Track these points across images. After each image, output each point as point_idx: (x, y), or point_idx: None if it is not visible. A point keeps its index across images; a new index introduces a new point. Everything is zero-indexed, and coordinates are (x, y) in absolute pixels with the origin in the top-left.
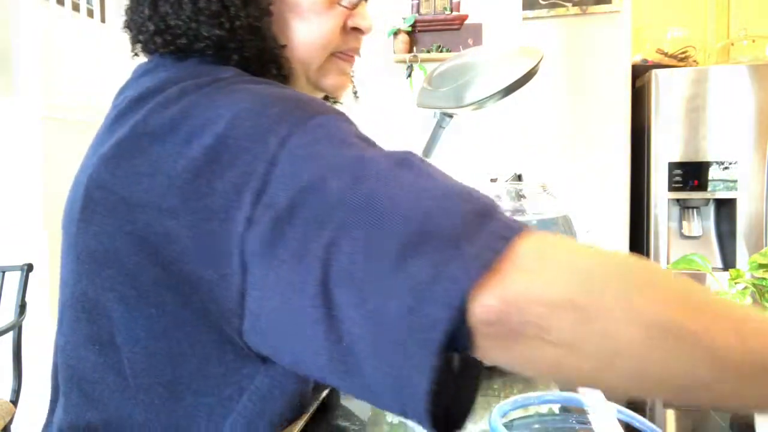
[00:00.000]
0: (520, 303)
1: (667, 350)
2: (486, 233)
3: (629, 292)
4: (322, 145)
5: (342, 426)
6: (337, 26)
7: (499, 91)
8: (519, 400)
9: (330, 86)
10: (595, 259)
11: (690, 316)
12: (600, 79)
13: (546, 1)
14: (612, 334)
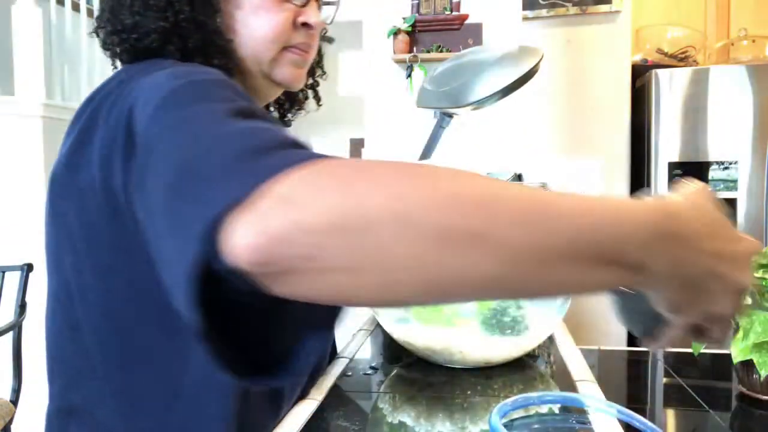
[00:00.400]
0: (284, 236)
1: (449, 255)
2: (255, 167)
3: (402, 205)
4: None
5: (342, 426)
6: (285, 22)
7: (499, 91)
8: (519, 400)
9: (282, 78)
10: (375, 174)
11: (468, 216)
12: (600, 79)
13: (546, 1)
14: (389, 249)
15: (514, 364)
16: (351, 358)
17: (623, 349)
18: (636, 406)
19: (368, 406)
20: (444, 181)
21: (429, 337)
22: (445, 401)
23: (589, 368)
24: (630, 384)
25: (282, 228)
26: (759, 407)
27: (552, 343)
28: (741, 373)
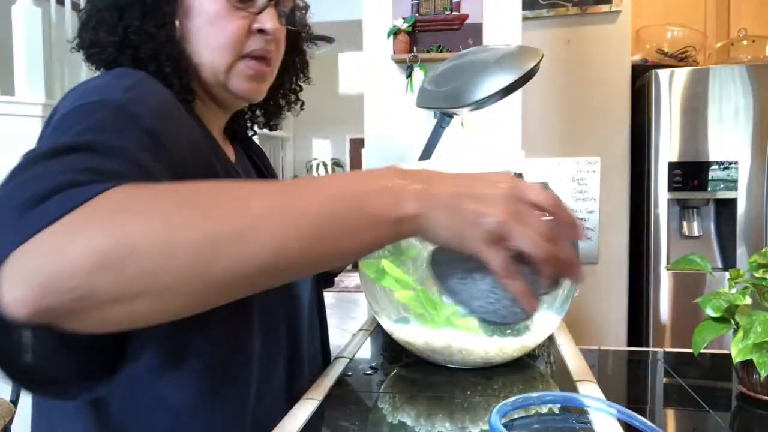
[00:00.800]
0: (48, 285)
1: (216, 260)
2: (19, 224)
3: (161, 230)
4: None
5: (342, 426)
6: (240, 29)
7: (499, 91)
8: (519, 400)
9: (238, 90)
10: (133, 207)
11: (224, 221)
12: (600, 79)
13: (546, 1)
14: (156, 274)
15: (514, 364)
16: (351, 358)
17: (623, 349)
18: (636, 406)
19: (368, 406)
20: (198, 197)
21: (429, 337)
22: (445, 401)
23: (589, 368)
24: (630, 384)
25: (45, 278)
26: (759, 407)
27: (552, 343)
28: (741, 373)
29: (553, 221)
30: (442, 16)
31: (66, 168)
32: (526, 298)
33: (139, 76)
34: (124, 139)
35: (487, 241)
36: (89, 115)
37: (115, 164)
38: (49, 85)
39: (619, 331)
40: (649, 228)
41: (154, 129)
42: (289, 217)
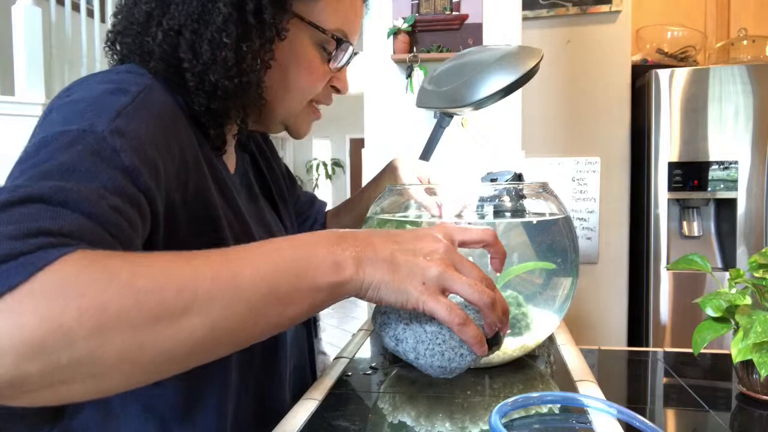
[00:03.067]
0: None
1: (156, 341)
2: None
3: (98, 314)
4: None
5: (342, 426)
6: (322, 84)
7: (499, 91)
8: (519, 400)
9: (301, 133)
10: (70, 288)
11: (167, 301)
12: (600, 79)
13: (546, 1)
14: (99, 357)
15: (514, 364)
16: (351, 358)
17: (623, 349)
18: (636, 406)
19: (368, 406)
20: (138, 278)
21: None
22: (445, 401)
23: (589, 368)
24: (630, 384)
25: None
26: (759, 407)
27: (552, 343)
28: (741, 373)
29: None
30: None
31: (15, 230)
32: (476, 341)
33: (143, 86)
34: (95, 182)
35: (429, 294)
36: (66, 149)
37: (73, 220)
38: (49, 85)
39: (619, 331)
40: (649, 228)
41: (133, 166)
42: (227, 296)
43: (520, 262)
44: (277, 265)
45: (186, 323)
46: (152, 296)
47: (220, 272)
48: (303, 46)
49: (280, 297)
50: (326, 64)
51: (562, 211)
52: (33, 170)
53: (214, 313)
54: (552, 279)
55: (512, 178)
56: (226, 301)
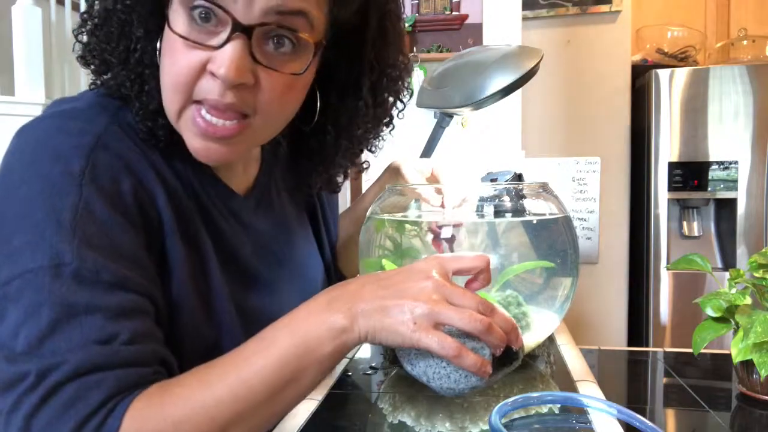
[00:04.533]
0: None
1: None
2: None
3: None
4: None
5: (342, 426)
6: (193, 66)
7: (499, 91)
8: (519, 400)
9: (190, 146)
10: None
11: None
12: (600, 79)
13: (546, 1)
14: None
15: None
16: (351, 358)
17: (623, 349)
18: (636, 406)
19: (368, 406)
20: (179, 425)
21: None
22: (445, 401)
23: (589, 368)
24: (630, 384)
25: None
26: (759, 407)
27: (552, 343)
28: (741, 373)
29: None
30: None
31: (70, 427)
32: (476, 368)
33: (86, 159)
34: (96, 318)
35: (421, 331)
36: (50, 291)
37: (105, 385)
38: (49, 85)
39: (619, 331)
40: (649, 228)
41: (117, 277)
42: (250, 405)
43: (520, 263)
44: (280, 358)
45: (242, 427)
46: (209, 428)
47: (236, 390)
48: (172, 20)
49: (292, 380)
50: (195, 42)
51: (562, 211)
52: (37, 332)
53: (246, 421)
54: (552, 279)
55: (512, 178)
56: (251, 410)
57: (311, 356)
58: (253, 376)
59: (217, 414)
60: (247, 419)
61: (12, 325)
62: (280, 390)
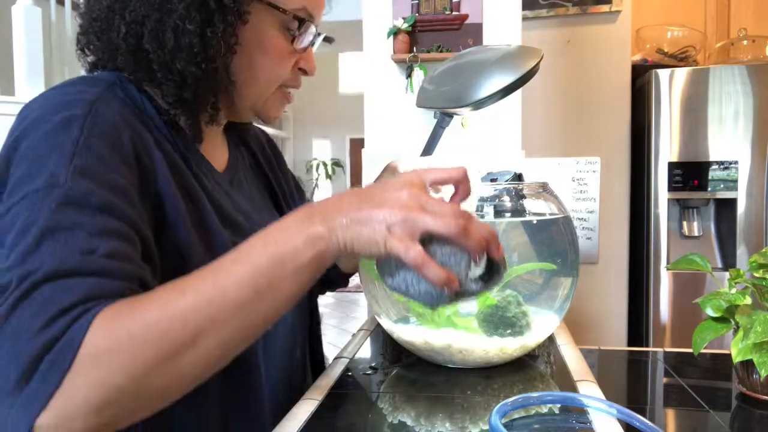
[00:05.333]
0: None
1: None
2: (26, 398)
3: (141, 360)
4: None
5: (342, 426)
6: (290, 65)
7: (499, 91)
8: (519, 400)
9: (269, 116)
10: (113, 355)
11: (187, 327)
12: (600, 79)
13: (546, 1)
14: (163, 389)
15: (514, 364)
16: (351, 358)
17: (623, 349)
18: (636, 406)
19: (368, 406)
20: (147, 328)
21: (429, 337)
22: (445, 401)
23: (589, 368)
24: (630, 384)
25: (68, 420)
26: (759, 407)
27: (552, 343)
28: (741, 373)
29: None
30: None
31: (41, 321)
32: (440, 280)
33: (88, 107)
34: (80, 235)
35: (397, 239)
36: (39, 210)
37: (81, 287)
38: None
39: (619, 331)
40: (649, 228)
41: (105, 203)
42: (224, 312)
43: (521, 262)
44: (256, 265)
45: (202, 346)
46: (167, 338)
47: (210, 295)
48: (266, 28)
49: (268, 289)
50: (291, 45)
51: (562, 211)
52: (23, 248)
53: (219, 329)
54: (552, 279)
55: (512, 178)
56: (225, 316)
57: (289, 266)
58: (230, 284)
59: (189, 319)
60: (220, 327)
61: (7, 248)
62: (256, 298)
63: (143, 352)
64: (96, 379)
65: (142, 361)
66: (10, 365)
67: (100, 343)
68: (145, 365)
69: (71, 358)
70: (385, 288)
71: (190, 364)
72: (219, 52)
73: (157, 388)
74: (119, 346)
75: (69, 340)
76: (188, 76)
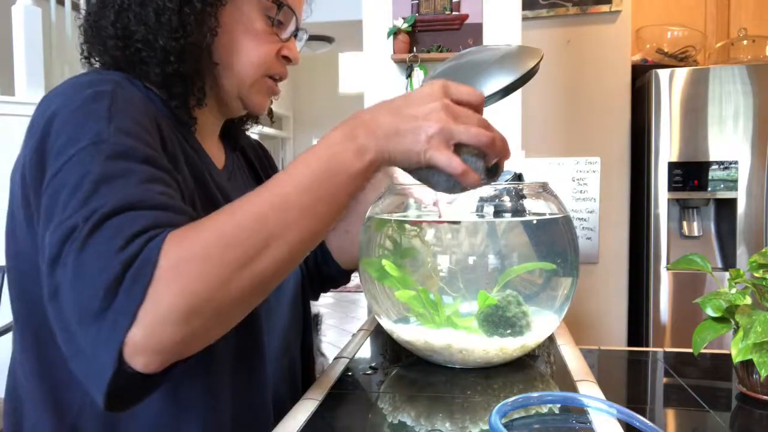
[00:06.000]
0: (165, 347)
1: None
2: (118, 304)
3: (220, 271)
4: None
5: (342, 426)
6: (273, 51)
7: (499, 91)
8: (519, 400)
9: (254, 104)
10: (191, 271)
11: (254, 235)
12: (600, 79)
13: (546, 1)
14: (236, 306)
15: (514, 364)
16: (351, 358)
17: (623, 349)
18: (636, 406)
19: (368, 406)
20: (222, 237)
21: (429, 337)
22: (445, 401)
23: (589, 368)
24: (630, 384)
25: (162, 343)
26: (759, 407)
27: (552, 343)
28: (741, 373)
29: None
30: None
31: (119, 242)
32: (473, 184)
33: (113, 83)
34: (134, 178)
35: (433, 150)
36: (92, 163)
37: (147, 217)
38: (49, 85)
39: (619, 331)
40: (649, 228)
41: (149, 155)
42: (288, 214)
43: (520, 262)
44: (313, 175)
45: (273, 249)
46: (240, 245)
47: (273, 202)
48: (247, 12)
49: (326, 197)
50: (271, 29)
51: (562, 211)
52: (82, 195)
53: (287, 232)
54: (552, 279)
55: (512, 178)
56: (290, 219)
57: (343, 176)
58: (291, 190)
59: (259, 225)
60: (287, 230)
61: (61, 205)
62: (315, 204)
63: (219, 259)
64: (178, 288)
65: (218, 268)
66: (92, 288)
67: (177, 254)
68: (222, 272)
69: (151, 271)
70: (385, 288)
71: (263, 270)
72: (199, 29)
73: (236, 296)
74: (194, 255)
75: (147, 255)
76: (170, 51)
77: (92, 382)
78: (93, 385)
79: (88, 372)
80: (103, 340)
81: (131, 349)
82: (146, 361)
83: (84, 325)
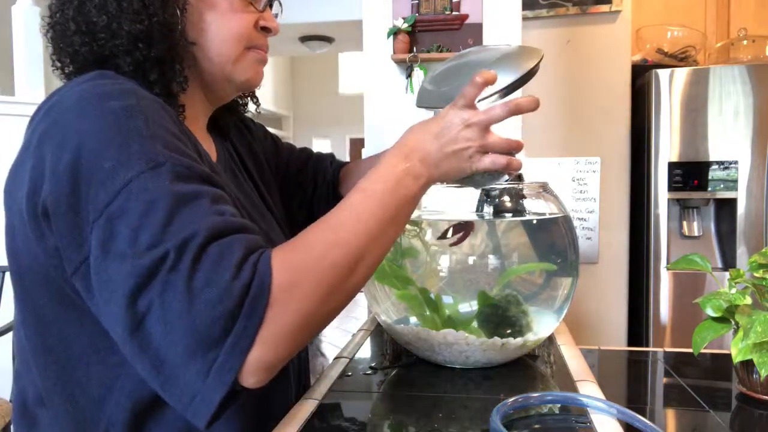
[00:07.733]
0: (277, 363)
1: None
2: (239, 329)
3: (320, 294)
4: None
5: (342, 426)
6: (250, 23)
7: (499, 91)
8: (519, 400)
9: (246, 77)
10: (297, 292)
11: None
12: (600, 79)
13: (546, 1)
14: (325, 315)
15: (514, 364)
16: (351, 358)
17: (623, 349)
18: (636, 406)
19: (368, 406)
20: (327, 251)
21: (429, 337)
22: (445, 401)
23: (589, 368)
24: (630, 384)
25: (275, 360)
26: (759, 407)
27: (552, 343)
28: (741, 373)
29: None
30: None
31: (226, 269)
32: (515, 168)
33: (134, 95)
34: (205, 201)
35: (477, 162)
36: (157, 189)
37: (238, 241)
38: (49, 85)
39: (619, 331)
40: (649, 228)
41: (206, 173)
42: (371, 239)
43: (521, 262)
44: (382, 202)
45: (361, 269)
46: (336, 266)
47: (357, 228)
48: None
49: (393, 219)
50: (248, 4)
51: (562, 211)
52: (158, 224)
53: (368, 254)
54: (552, 279)
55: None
56: (372, 242)
57: (406, 201)
58: (368, 217)
59: (348, 248)
60: (368, 252)
61: (127, 234)
62: (386, 227)
63: (322, 280)
64: (293, 308)
65: (324, 288)
66: (210, 318)
67: (287, 278)
68: (326, 291)
69: (267, 295)
70: (385, 288)
71: (352, 287)
72: (163, 9)
73: (333, 311)
74: (302, 278)
75: (260, 281)
76: (137, 36)
77: (197, 407)
78: (197, 409)
79: (192, 398)
80: (220, 365)
81: (251, 368)
82: (259, 378)
83: (197, 354)
